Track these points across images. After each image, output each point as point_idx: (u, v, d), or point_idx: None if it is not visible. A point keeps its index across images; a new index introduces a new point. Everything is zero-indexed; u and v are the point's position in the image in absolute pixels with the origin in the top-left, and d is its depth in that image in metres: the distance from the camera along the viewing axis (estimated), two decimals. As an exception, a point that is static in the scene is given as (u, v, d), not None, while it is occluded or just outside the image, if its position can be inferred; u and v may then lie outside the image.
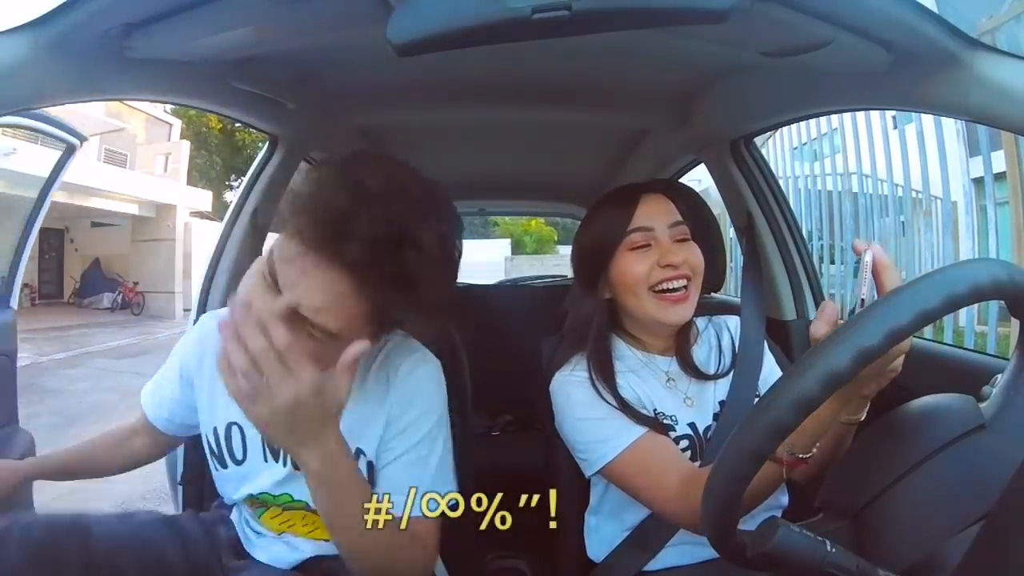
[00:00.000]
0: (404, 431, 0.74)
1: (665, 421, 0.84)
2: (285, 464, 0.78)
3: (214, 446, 0.81)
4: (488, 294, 2.66)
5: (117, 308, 12.36)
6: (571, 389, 0.85)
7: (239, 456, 0.80)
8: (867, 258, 0.55)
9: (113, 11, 0.64)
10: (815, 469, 0.67)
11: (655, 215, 0.85)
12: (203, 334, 0.84)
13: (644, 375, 0.88)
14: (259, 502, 0.81)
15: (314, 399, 0.57)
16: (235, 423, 0.79)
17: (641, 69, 1.08)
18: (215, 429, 0.80)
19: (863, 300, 0.55)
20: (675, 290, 0.83)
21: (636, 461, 0.79)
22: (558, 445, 0.98)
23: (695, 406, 0.87)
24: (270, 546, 0.82)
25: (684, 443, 0.84)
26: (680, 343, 0.90)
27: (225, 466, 0.80)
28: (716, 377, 0.89)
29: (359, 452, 0.75)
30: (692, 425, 0.85)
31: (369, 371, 0.77)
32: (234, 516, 0.88)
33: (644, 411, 0.83)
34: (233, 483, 0.81)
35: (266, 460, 0.79)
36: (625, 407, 0.82)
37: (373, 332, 0.67)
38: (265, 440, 0.78)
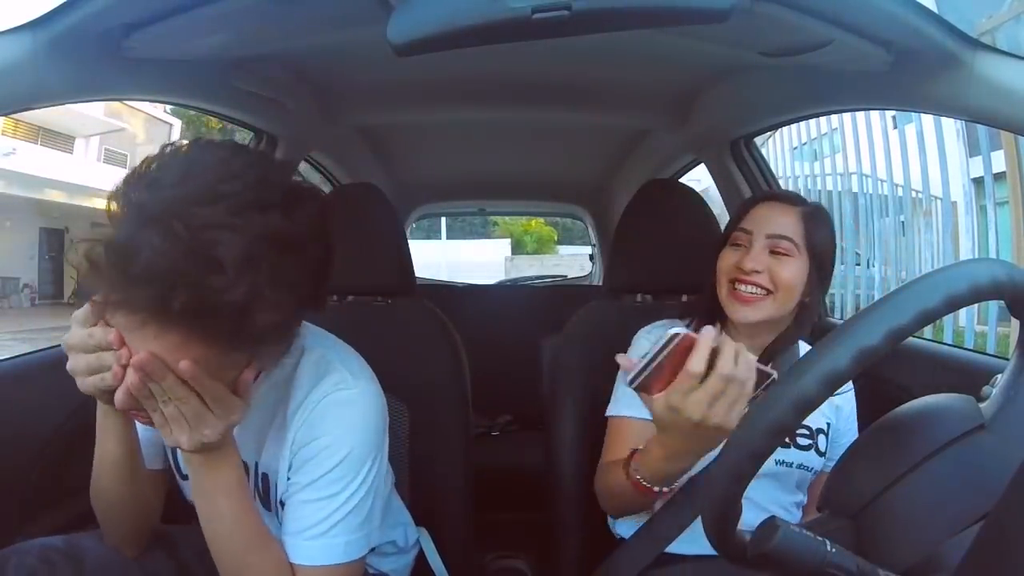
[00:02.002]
0: (304, 464, 0.64)
1: None
2: None
3: (170, 459, 0.74)
4: (488, 294, 2.67)
5: (117, 308, 12.36)
6: (640, 340, 0.90)
7: (184, 471, 0.71)
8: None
9: (113, 11, 0.64)
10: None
11: (760, 220, 0.87)
12: None
13: None
14: None
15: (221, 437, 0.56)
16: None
17: (641, 69, 1.08)
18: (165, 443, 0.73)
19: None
20: (747, 293, 0.84)
21: (612, 431, 0.87)
22: (558, 445, 0.98)
23: None
24: None
25: None
26: (770, 353, 0.87)
27: (184, 478, 0.72)
28: None
29: (264, 476, 0.69)
30: None
31: (279, 389, 0.67)
32: None
33: None
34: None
35: None
36: None
37: (239, 355, 0.56)
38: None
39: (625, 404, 0.86)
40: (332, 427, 0.63)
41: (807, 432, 0.87)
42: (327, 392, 0.64)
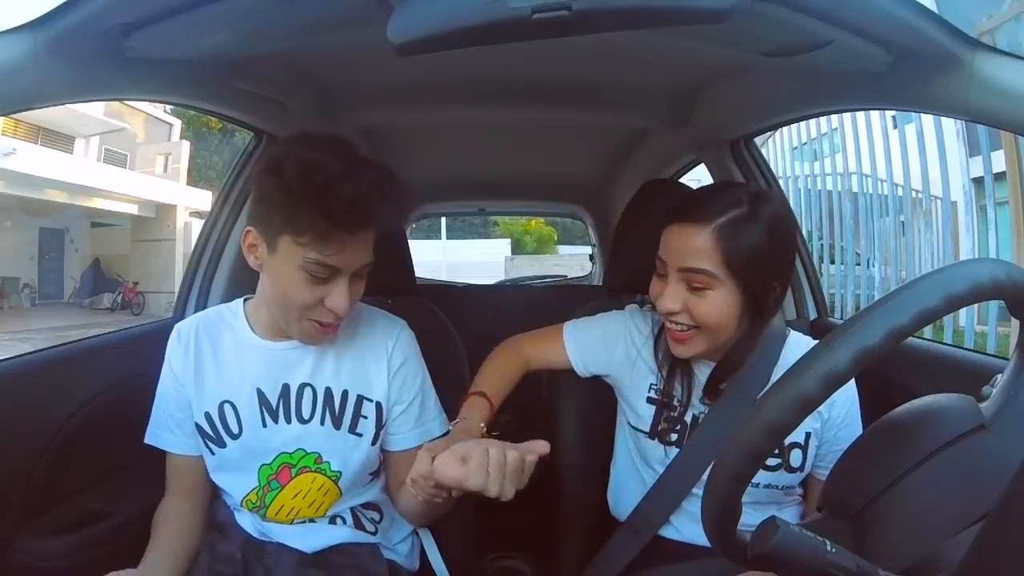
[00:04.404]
0: (405, 382, 0.88)
1: (669, 400, 0.86)
2: (290, 421, 0.83)
3: (209, 429, 0.82)
4: (488, 294, 2.66)
5: (117, 308, 12.36)
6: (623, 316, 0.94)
7: (235, 430, 0.82)
8: None
9: (112, 11, 0.64)
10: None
11: (672, 248, 0.79)
12: (187, 339, 0.85)
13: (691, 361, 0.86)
14: (262, 493, 0.82)
15: None
16: (227, 401, 0.82)
17: (641, 69, 1.08)
18: (207, 414, 0.82)
19: None
20: (677, 331, 0.80)
21: (554, 332, 0.97)
22: (558, 445, 0.98)
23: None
24: (286, 541, 0.83)
25: (678, 425, 0.86)
26: (723, 362, 0.83)
27: (223, 445, 0.82)
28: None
29: (362, 398, 0.85)
30: (695, 418, 0.86)
31: (358, 331, 0.87)
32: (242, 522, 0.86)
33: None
34: (235, 464, 0.82)
35: (265, 425, 0.82)
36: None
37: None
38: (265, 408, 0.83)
39: (575, 333, 0.94)
40: (413, 350, 0.90)
41: (775, 451, 0.80)
42: (401, 328, 0.90)
